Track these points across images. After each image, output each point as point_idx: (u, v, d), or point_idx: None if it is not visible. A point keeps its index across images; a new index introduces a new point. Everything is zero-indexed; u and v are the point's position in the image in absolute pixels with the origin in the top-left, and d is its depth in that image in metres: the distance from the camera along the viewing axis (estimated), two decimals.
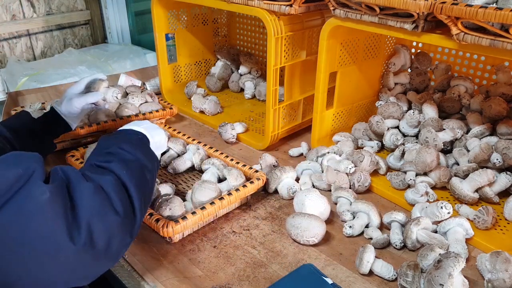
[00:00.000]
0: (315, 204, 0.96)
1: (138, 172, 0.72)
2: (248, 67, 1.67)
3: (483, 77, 1.30)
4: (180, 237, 0.93)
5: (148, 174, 0.75)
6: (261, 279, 0.83)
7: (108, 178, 0.66)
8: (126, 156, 0.73)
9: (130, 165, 0.71)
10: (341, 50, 1.17)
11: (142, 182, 0.72)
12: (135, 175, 0.70)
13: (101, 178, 0.66)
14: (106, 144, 0.77)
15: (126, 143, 0.76)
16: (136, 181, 0.70)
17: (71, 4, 2.49)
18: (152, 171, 0.77)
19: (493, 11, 0.73)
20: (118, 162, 0.70)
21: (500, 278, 0.77)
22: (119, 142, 0.76)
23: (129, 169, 0.70)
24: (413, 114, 1.17)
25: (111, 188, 0.65)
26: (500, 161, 1.01)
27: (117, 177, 0.68)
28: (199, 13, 1.67)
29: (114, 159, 0.71)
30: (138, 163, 0.74)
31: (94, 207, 0.62)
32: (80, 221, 0.59)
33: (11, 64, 2.16)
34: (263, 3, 1.11)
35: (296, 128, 1.39)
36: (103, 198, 0.63)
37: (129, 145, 0.76)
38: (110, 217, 0.63)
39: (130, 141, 0.78)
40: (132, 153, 0.74)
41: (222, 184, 1.03)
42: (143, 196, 0.71)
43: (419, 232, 0.89)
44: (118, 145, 0.75)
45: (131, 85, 1.58)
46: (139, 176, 0.72)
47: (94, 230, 0.60)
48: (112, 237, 0.63)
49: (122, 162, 0.71)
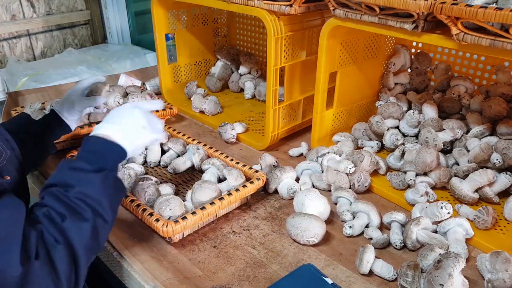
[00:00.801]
0: (315, 204, 0.96)
1: (90, 233, 0.68)
2: (248, 67, 1.67)
3: (483, 77, 1.30)
4: (180, 237, 0.93)
5: (103, 228, 0.71)
6: (261, 279, 0.83)
7: (60, 251, 0.63)
8: (82, 211, 0.68)
9: (82, 226, 0.67)
10: (341, 50, 1.17)
11: (92, 242, 0.68)
12: (86, 238, 0.67)
13: (54, 248, 0.63)
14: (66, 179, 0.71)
15: (87, 188, 0.70)
16: (86, 243, 0.67)
17: (71, 4, 2.49)
18: (110, 222, 0.73)
19: (493, 11, 0.73)
20: (71, 221, 0.66)
21: (500, 278, 0.77)
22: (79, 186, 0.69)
23: (80, 232, 0.66)
24: (413, 114, 1.17)
25: (60, 264, 0.63)
26: (500, 161, 1.01)
27: (67, 244, 0.65)
28: (199, 13, 1.67)
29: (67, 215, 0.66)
30: (93, 220, 0.68)
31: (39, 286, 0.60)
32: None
33: (11, 64, 2.16)
34: (263, 3, 1.11)
35: (296, 128, 1.39)
36: (50, 277, 0.62)
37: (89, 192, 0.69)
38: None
39: (92, 184, 0.71)
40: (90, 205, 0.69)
41: (222, 184, 1.03)
42: (90, 255, 0.69)
43: (419, 232, 0.89)
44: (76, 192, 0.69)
45: (131, 85, 1.58)
46: (90, 237, 0.68)
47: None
48: None
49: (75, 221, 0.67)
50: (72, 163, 0.73)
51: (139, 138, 0.83)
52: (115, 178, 0.77)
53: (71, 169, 0.72)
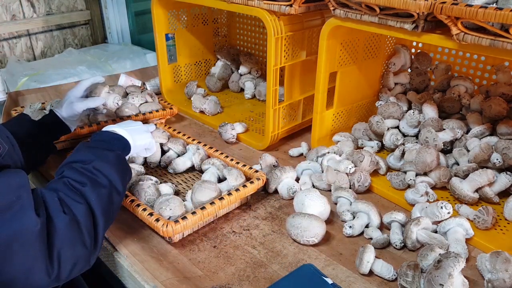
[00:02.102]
0: (315, 204, 0.96)
1: (107, 199, 0.77)
2: (248, 67, 1.67)
3: (483, 77, 1.30)
4: (180, 237, 0.93)
5: (116, 197, 0.80)
6: (261, 279, 0.83)
7: (81, 209, 0.71)
8: (99, 180, 0.77)
9: (102, 191, 0.76)
10: (341, 50, 1.17)
11: (109, 208, 0.77)
12: (104, 202, 0.76)
13: (76, 207, 0.71)
14: (84, 157, 0.81)
15: (103, 162, 0.80)
16: (104, 208, 0.75)
17: (71, 4, 2.49)
18: (121, 192, 0.82)
19: (493, 11, 0.73)
20: (91, 186, 0.75)
21: (500, 278, 0.77)
22: (96, 160, 0.80)
23: (99, 196, 0.75)
24: (413, 114, 1.17)
25: (83, 221, 0.70)
26: (500, 161, 1.01)
27: (88, 205, 0.73)
28: (199, 13, 1.67)
29: (88, 182, 0.75)
30: (109, 188, 0.78)
31: (66, 240, 0.67)
32: (53, 254, 0.65)
33: (11, 64, 2.16)
34: (263, 3, 1.11)
35: (296, 128, 1.39)
36: (75, 231, 0.69)
37: (105, 166, 0.80)
38: (79, 250, 0.69)
39: (107, 160, 0.82)
40: (106, 175, 0.78)
41: (222, 184, 1.03)
42: (107, 223, 0.77)
43: (419, 232, 0.89)
44: (94, 165, 0.79)
45: (131, 85, 1.58)
46: (107, 202, 0.77)
47: (63, 262, 0.66)
48: (75, 265, 0.69)
49: (94, 187, 0.75)
50: (88, 143, 0.87)
51: (142, 138, 0.99)
52: (124, 159, 0.88)
53: (88, 147, 0.85)
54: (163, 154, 1.21)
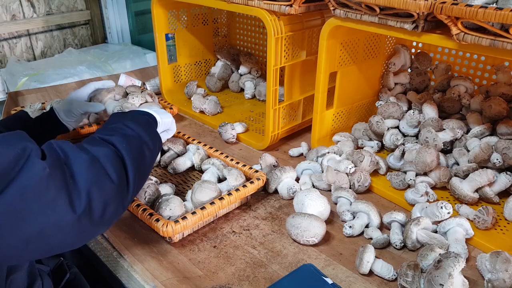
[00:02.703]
0: (315, 204, 0.96)
1: (137, 147, 0.75)
2: (248, 67, 1.67)
3: (483, 77, 1.30)
4: (180, 237, 0.93)
5: (147, 151, 0.79)
6: (261, 279, 0.83)
7: (105, 150, 0.69)
8: (128, 132, 0.77)
9: (130, 140, 0.75)
10: (341, 50, 1.17)
11: (140, 156, 0.75)
12: (133, 149, 0.74)
13: (98, 149, 0.68)
14: (114, 120, 0.82)
15: (132, 121, 0.81)
16: (134, 154, 0.73)
17: (71, 4, 2.49)
18: (152, 149, 0.81)
19: (493, 11, 0.73)
20: (119, 136, 0.74)
21: (500, 278, 0.77)
22: (125, 119, 0.81)
23: (128, 144, 0.73)
24: (413, 114, 1.17)
25: (105, 159, 0.68)
26: (500, 161, 1.01)
27: (115, 149, 0.71)
28: (199, 13, 1.67)
29: (116, 133, 0.75)
30: (139, 139, 0.77)
31: (91, 176, 0.64)
32: (80, 190, 0.62)
33: (11, 64, 2.16)
34: (263, 3, 1.11)
35: (296, 128, 1.39)
36: (98, 167, 0.66)
37: (134, 123, 0.80)
38: (107, 185, 0.66)
39: (136, 119, 0.82)
40: (135, 130, 0.78)
41: (222, 184, 1.03)
42: (139, 170, 0.74)
43: (419, 232, 0.89)
44: (123, 122, 0.79)
45: (131, 85, 1.58)
46: (137, 150, 0.75)
47: (93, 198, 0.63)
48: (107, 205, 0.65)
49: (123, 136, 0.75)
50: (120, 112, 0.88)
51: (166, 116, 0.97)
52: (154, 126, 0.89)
53: (119, 113, 0.87)
54: (163, 154, 1.21)
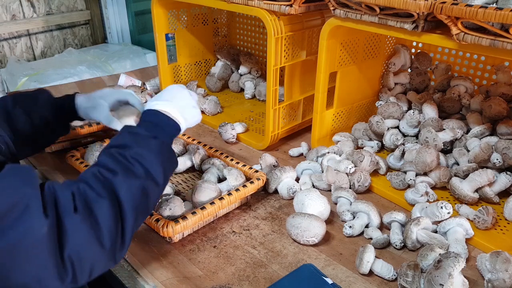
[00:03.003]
0: (315, 204, 0.96)
1: (140, 191, 0.69)
2: (248, 67, 1.67)
3: (483, 77, 1.30)
4: (180, 237, 0.93)
5: (155, 191, 0.73)
6: (261, 279, 0.83)
7: (103, 205, 0.63)
8: (135, 169, 0.70)
9: (134, 183, 0.68)
10: (341, 50, 1.17)
11: (142, 201, 0.69)
12: (136, 195, 0.68)
13: (96, 203, 0.63)
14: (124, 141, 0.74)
15: (143, 149, 0.73)
16: (135, 201, 0.67)
17: (71, 4, 2.49)
18: (162, 185, 0.75)
19: (493, 11, 0.73)
20: (122, 176, 0.67)
21: (500, 278, 0.77)
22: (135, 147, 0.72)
23: (131, 188, 0.67)
24: (413, 114, 1.17)
25: (102, 218, 0.62)
26: (500, 161, 1.01)
27: (114, 199, 0.65)
28: (199, 13, 1.67)
29: (120, 172, 0.68)
30: (145, 179, 0.70)
31: (78, 242, 0.60)
32: (65, 258, 0.58)
33: (11, 64, 2.16)
34: (263, 3, 1.11)
35: (296, 128, 1.39)
36: (89, 231, 0.61)
37: (145, 154, 0.72)
38: (95, 250, 0.61)
39: (148, 147, 0.74)
40: (144, 165, 0.71)
41: (222, 184, 1.03)
42: (139, 217, 0.69)
43: (419, 232, 0.89)
44: (132, 151, 0.71)
45: (131, 85, 1.58)
46: (140, 195, 0.69)
47: (77, 266, 0.59)
48: (94, 266, 0.62)
49: (127, 177, 0.68)
50: (132, 128, 0.78)
51: (193, 116, 0.89)
52: (170, 148, 0.80)
53: (130, 133, 0.77)
54: None
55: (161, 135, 0.79)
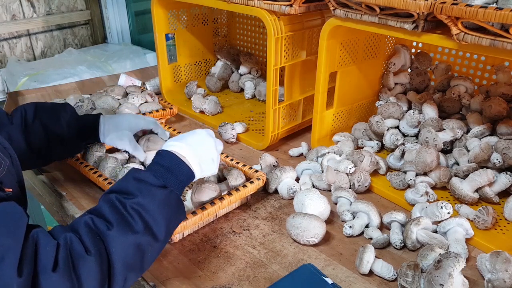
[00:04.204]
0: (315, 204, 0.96)
1: (135, 248, 0.64)
2: (248, 67, 1.67)
3: (483, 77, 1.30)
4: (180, 237, 0.93)
5: (152, 246, 0.67)
6: (261, 279, 0.83)
7: (90, 262, 0.58)
8: (133, 223, 0.64)
9: (129, 240, 0.63)
10: (341, 50, 1.17)
11: (136, 259, 0.64)
12: (130, 253, 0.63)
13: (82, 259, 0.58)
14: (128, 188, 0.69)
15: (147, 200, 0.67)
16: (127, 259, 0.62)
17: (71, 4, 2.49)
18: (161, 240, 0.69)
19: (493, 11, 0.73)
20: (117, 231, 0.62)
21: (500, 278, 0.77)
22: (139, 197, 0.67)
23: (124, 245, 0.62)
24: (413, 114, 1.17)
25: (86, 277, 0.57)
26: (500, 161, 1.01)
27: (105, 254, 0.60)
28: (199, 13, 1.67)
29: (115, 225, 0.63)
30: (142, 235, 0.65)
31: None
32: None
33: (11, 64, 2.16)
34: (263, 3, 1.11)
35: (296, 128, 1.39)
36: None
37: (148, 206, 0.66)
38: None
39: (153, 198, 0.68)
40: (144, 219, 0.65)
41: (222, 184, 1.03)
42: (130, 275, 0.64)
43: (419, 232, 0.89)
44: (134, 202, 0.66)
45: (131, 85, 1.58)
46: (134, 252, 0.64)
47: None
48: None
49: (122, 232, 0.63)
50: (138, 174, 0.71)
51: (209, 169, 0.82)
52: (178, 199, 0.73)
53: (135, 179, 0.70)
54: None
55: (171, 182, 0.72)
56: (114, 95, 1.44)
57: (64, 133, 0.98)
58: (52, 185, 1.12)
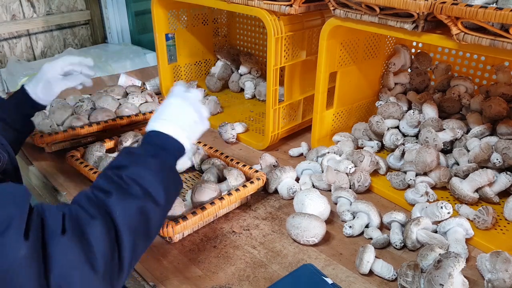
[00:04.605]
0: (315, 204, 0.96)
1: (138, 212, 0.64)
2: (248, 67, 1.67)
3: (483, 77, 1.30)
4: (180, 237, 0.93)
5: (154, 211, 0.67)
6: (261, 279, 0.83)
7: (97, 226, 0.59)
8: (131, 189, 0.65)
9: (130, 204, 0.63)
10: (341, 50, 1.17)
11: (141, 223, 0.64)
12: (133, 216, 0.63)
13: (89, 224, 0.58)
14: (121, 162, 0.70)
15: (141, 168, 0.68)
16: (132, 223, 0.62)
17: (71, 4, 2.49)
18: (164, 206, 0.69)
19: (493, 11, 0.73)
20: (117, 197, 0.63)
21: (500, 278, 0.77)
22: (132, 167, 0.68)
23: (126, 209, 0.63)
24: (413, 114, 1.17)
25: (95, 240, 0.58)
26: (500, 161, 1.01)
27: (109, 220, 0.61)
28: (199, 13, 1.67)
29: (114, 192, 0.63)
30: (143, 200, 0.65)
31: (66, 264, 0.55)
32: (51, 283, 0.53)
33: (11, 64, 2.16)
34: (263, 3, 1.11)
35: (296, 128, 1.39)
36: (80, 251, 0.56)
37: (142, 173, 0.67)
38: (86, 275, 0.56)
39: (146, 166, 0.69)
40: (141, 185, 0.66)
41: (222, 184, 1.03)
42: (139, 242, 0.64)
43: (419, 232, 0.89)
44: (128, 171, 0.67)
45: (131, 85, 1.58)
46: (138, 216, 0.64)
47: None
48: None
49: (122, 198, 0.63)
50: (130, 149, 0.73)
51: (195, 133, 0.83)
52: (173, 168, 0.75)
53: (128, 153, 0.72)
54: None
55: (163, 155, 0.73)
56: (114, 95, 1.44)
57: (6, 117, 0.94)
58: (52, 185, 1.12)
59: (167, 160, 0.74)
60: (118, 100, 1.41)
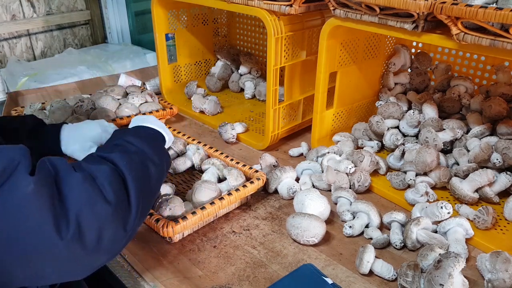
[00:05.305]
0: (315, 204, 0.96)
1: (140, 164, 0.70)
2: (248, 67, 1.67)
3: (483, 77, 1.30)
4: (180, 237, 0.93)
5: (153, 167, 0.73)
6: (261, 279, 0.83)
7: (103, 168, 0.64)
8: (130, 148, 0.73)
9: (132, 157, 0.69)
10: (341, 50, 1.17)
11: (144, 174, 0.70)
12: (136, 166, 0.68)
13: (96, 167, 0.63)
14: (114, 137, 0.80)
15: (134, 136, 0.77)
16: (136, 172, 0.67)
17: (71, 4, 2.49)
18: (159, 164, 0.75)
19: (493, 11, 0.73)
20: (119, 152, 0.69)
21: (500, 278, 0.77)
22: (127, 135, 0.77)
23: (130, 160, 0.68)
24: (413, 114, 1.17)
25: (103, 177, 0.62)
26: (500, 161, 1.01)
27: (115, 167, 0.65)
28: (199, 13, 1.67)
29: (116, 150, 0.70)
30: (142, 155, 0.72)
31: (82, 197, 0.58)
32: (68, 212, 0.56)
33: (11, 64, 2.16)
34: (263, 3, 1.11)
35: (296, 128, 1.39)
36: (92, 187, 0.60)
37: (136, 138, 0.76)
38: (100, 206, 0.59)
39: (138, 134, 0.79)
40: (137, 146, 0.74)
41: (222, 184, 1.03)
42: (143, 188, 0.68)
43: (419, 232, 0.89)
44: (124, 138, 0.75)
45: (131, 85, 1.58)
46: (140, 167, 0.69)
47: (82, 221, 0.57)
48: (102, 229, 0.59)
49: (124, 153, 0.70)
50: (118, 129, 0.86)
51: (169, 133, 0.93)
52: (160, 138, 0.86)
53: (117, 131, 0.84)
54: None
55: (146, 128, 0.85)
56: (114, 95, 1.44)
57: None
58: None
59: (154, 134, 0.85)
60: (118, 100, 1.41)
